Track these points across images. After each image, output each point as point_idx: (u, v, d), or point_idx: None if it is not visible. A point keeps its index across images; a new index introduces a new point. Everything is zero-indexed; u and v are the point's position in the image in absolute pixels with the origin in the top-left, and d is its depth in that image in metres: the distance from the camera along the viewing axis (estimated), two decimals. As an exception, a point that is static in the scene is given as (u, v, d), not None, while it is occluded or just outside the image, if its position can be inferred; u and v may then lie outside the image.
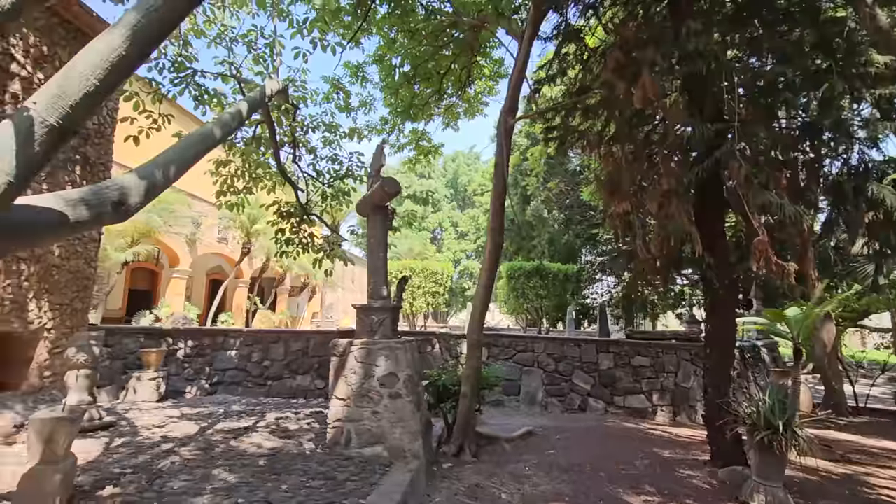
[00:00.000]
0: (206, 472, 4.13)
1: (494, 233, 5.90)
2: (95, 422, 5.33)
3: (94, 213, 2.81)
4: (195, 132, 3.72)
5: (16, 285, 5.68)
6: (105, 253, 10.24)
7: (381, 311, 5.41)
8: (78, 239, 6.53)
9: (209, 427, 5.74)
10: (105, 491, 3.58)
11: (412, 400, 5.08)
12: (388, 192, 5.44)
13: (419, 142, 9.30)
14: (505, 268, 13.11)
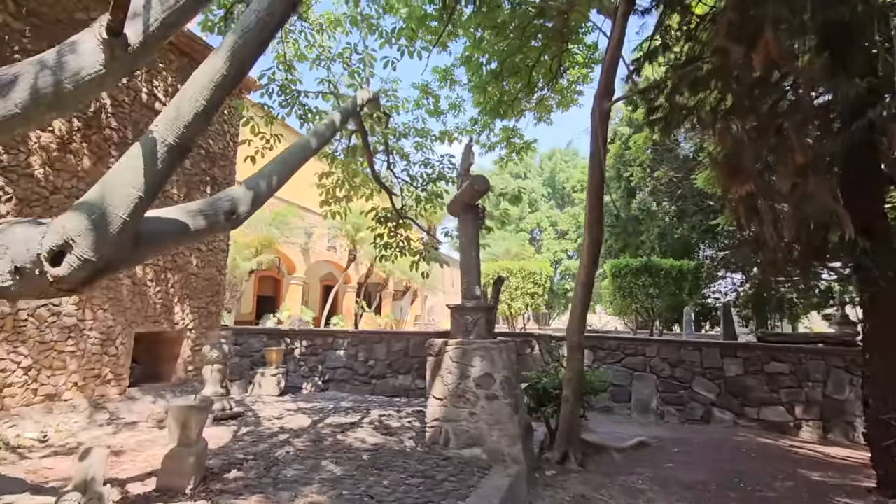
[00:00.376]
0: (315, 463, 4.37)
1: (592, 227, 5.51)
2: (227, 411, 5.96)
3: (210, 222, 3.11)
4: (294, 144, 3.98)
5: (164, 291, 6.61)
6: (234, 262, 11.57)
7: (474, 311, 5.33)
8: (210, 250, 7.42)
9: (320, 421, 6.12)
10: (230, 474, 3.94)
11: (510, 402, 4.92)
12: (477, 189, 5.35)
13: (510, 139, 9.11)
14: (609, 266, 12.31)
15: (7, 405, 4.74)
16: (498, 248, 22.72)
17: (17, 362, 4.84)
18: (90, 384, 5.55)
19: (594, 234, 5.53)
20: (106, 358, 5.74)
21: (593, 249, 5.56)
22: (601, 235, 5.60)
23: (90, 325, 5.55)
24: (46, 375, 5.10)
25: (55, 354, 5.18)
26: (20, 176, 4.87)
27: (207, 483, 3.72)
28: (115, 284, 5.86)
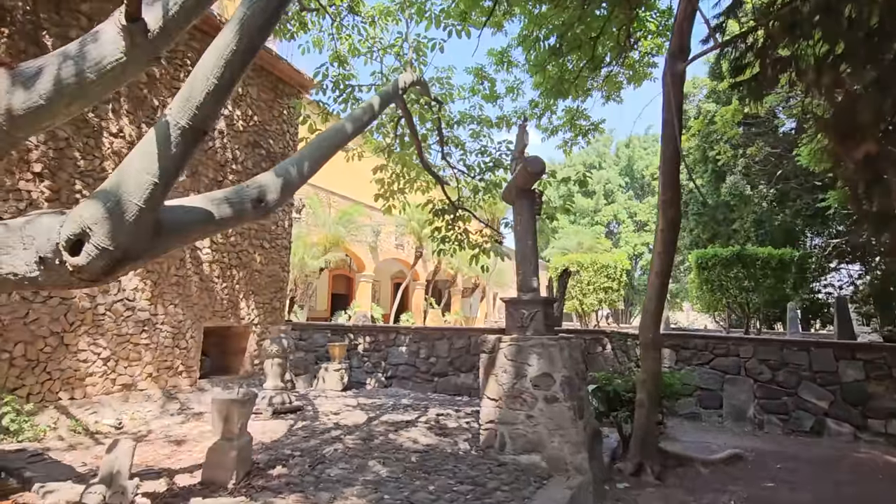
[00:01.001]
0: (362, 463, 4.20)
1: (666, 208, 4.83)
2: (286, 405, 6.02)
3: (236, 210, 2.98)
4: (328, 129, 3.82)
5: (230, 287, 6.86)
6: (302, 261, 11.98)
7: (531, 305, 4.88)
8: (273, 247, 7.63)
9: (376, 418, 5.99)
10: (275, 470, 3.87)
11: (572, 405, 4.42)
12: (531, 172, 4.89)
13: (574, 121, 8.45)
14: (693, 257, 11.09)
15: (89, 393, 5.10)
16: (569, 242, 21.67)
17: (97, 353, 5.19)
18: (163, 375, 5.86)
19: (669, 216, 4.84)
20: (177, 350, 6.04)
21: (669, 234, 4.88)
22: (678, 217, 4.89)
23: (162, 319, 5.87)
24: (123, 366, 5.45)
25: (131, 346, 5.52)
26: (96, 180, 5.22)
27: (251, 478, 3.67)
28: (185, 281, 6.15)
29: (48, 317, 4.78)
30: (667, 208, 4.85)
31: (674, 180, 4.82)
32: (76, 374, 5.00)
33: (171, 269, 5.99)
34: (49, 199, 4.82)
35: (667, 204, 4.84)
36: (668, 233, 4.86)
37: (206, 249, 6.48)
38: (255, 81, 7.36)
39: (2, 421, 4.16)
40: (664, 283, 4.99)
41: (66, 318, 4.92)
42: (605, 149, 43.67)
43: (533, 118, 8.45)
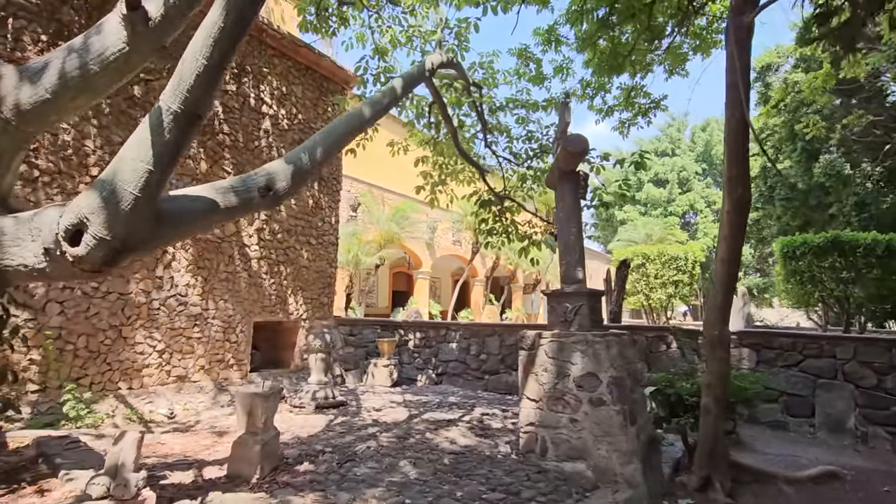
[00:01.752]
0: (392, 462, 4.02)
1: (733, 184, 4.18)
2: (329, 400, 6.02)
3: (243, 199, 2.89)
4: (345, 114, 3.67)
5: (278, 283, 7.01)
6: (357, 258, 12.14)
7: (575, 297, 4.45)
8: (320, 244, 7.72)
9: (418, 415, 5.82)
10: (302, 466, 3.80)
11: (621, 410, 3.95)
12: (571, 152, 4.46)
13: (632, 99, 7.75)
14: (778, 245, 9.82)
15: (145, 384, 5.39)
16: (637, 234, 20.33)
17: (153, 346, 5.47)
18: (215, 368, 6.09)
19: (736, 195, 4.19)
20: (228, 344, 6.25)
21: (736, 216, 4.23)
22: (747, 197, 4.22)
23: (213, 314, 6.09)
24: (177, 358, 5.71)
25: (184, 340, 5.77)
26: (148, 181, 5.49)
27: (277, 473, 3.61)
28: (234, 277, 6.36)
29: (107, 311, 5.09)
30: (733, 186, 4.20)
31: (740, 153, 4.16)
32: (133, 365, 5.29)
33: (221, 266, 6.21)
34: (106, 201, 5.12)
35: (733, 181, 4.19)
36: (734, 215, 4.22)
37: (255, 246, 6.66)
38: (300, 80, 7.46)
39: (63, 408, 4.46)
40: (732, 272, 4.34)
41: (124, 313, 5.22)
42: (679, 134, 40.71)
43: (585, 99, 7.86)
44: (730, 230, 4.28)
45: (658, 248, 12.11)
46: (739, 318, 10.86)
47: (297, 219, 7.30)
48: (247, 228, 6.55)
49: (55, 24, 4.81)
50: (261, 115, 6.82)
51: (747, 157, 4.24)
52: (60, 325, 4.74)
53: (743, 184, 4.18)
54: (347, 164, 8.33)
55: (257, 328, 6.95)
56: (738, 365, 7.15)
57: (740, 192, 4.20)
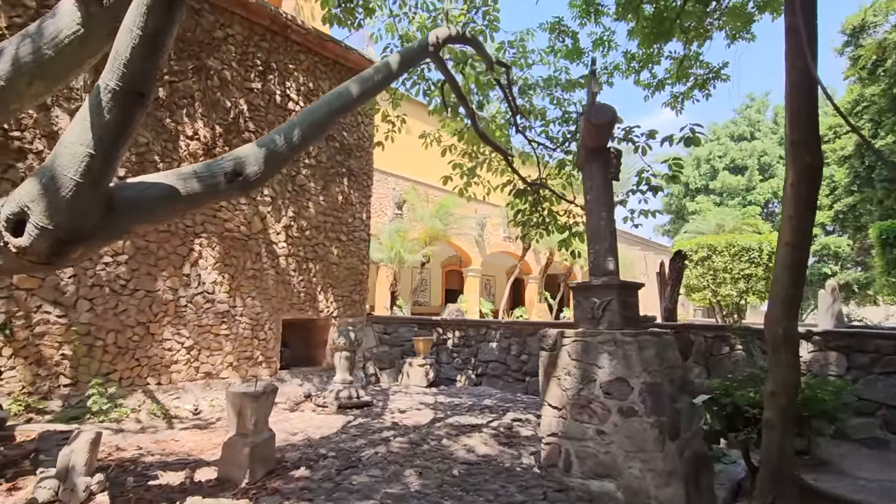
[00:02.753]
0: (398, 470, 3.70)
1: (798, 150, 3.43)
2: (353, 400, 5.83)
3: (206, 185, 2.68)
4: (329, 93, 3.39)
5: (307, 280, 6.95)
6: (399, 256, 12.00)
7: (603, 291, 3.88)
8: (350, 240, 7.58)
9: (443, 419, 5.47)
10: (299, 471, 3.58)
11: (656, 422, 3.36)
12: (595, 123, 3.90)
13: (685, 69, 6.89)
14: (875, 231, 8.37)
15: (174, 379, 5.48)
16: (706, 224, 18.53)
17: (181, 343, 5.56)
18: (243, 365, 6.11)
19: (802, 163, 3.43)
20: (256, 341, 6.26)
21: (804, 188, 3.46)
22: (817, 165, 3.44)
23: (241, 312, 6.11)
24: (206, 355, 5.77)
25: (212, 337, 5.83)
26: (174, 181, 5.58)
27: (270, 478, 3.42)
28: (261, 274, 6.36)
29: (135, 308, 5.22)
30: (798, 153, 3.44)
31: (805, 112, 3.40)
32: (162, 361, 5.39)
33: (248, 263, 6.22)
34: (132, 201, 5.25)
35: (797, 147, 3.44)
36: (801, 187, 3.45)
37: (282, 243, 6.63)
38: (327, 75, 7.38)
39: (88, 402, 4.59)
40: (799, 257, 3.57)
41: (151, 310, 5.34)
42: (759, 115, 37.05)
43: (630, 73, 7.10)
44: (795, 207, 3.52)
45: (726, 239, 10.79)
46: (828, 316, 9.42)
47: (325, 215, 7.22)
48: (274, 226, 6.54)
49: (81, 32, 4.98)
50: (287, 112, 6.79)
51: (815, 117, 3.46)
52: (90, 322, 4.90)
53: (810, 150, 3.41)
54: (392, 161, 8.16)
55: (289, 325, 6.93)
56: (824, 371, 6.13)
57: (808, 160, 3.43)
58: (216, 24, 6.09)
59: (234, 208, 6.13)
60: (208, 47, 5.99)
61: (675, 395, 3.73)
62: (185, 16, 5.72)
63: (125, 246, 5.17)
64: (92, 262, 4.94)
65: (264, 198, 6.45)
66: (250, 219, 6.28)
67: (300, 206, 6.87)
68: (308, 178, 7.00)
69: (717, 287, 10.63)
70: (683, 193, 36.41)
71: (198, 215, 5.76)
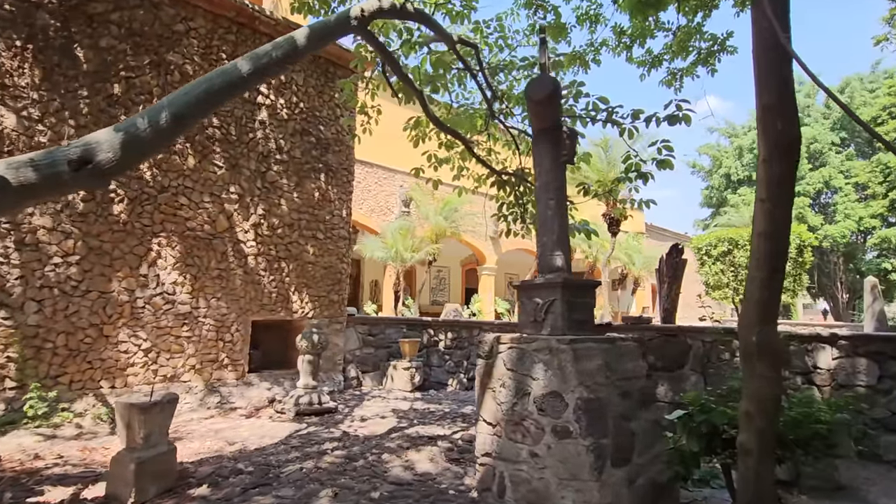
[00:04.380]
0: (311, 491, 3.34)
1: (770, 117, 2.81)
2: (314, 406, 5.54)
3: (45, 174, 2.38)
4: (214, 70, 3.05)
5: (279, 280, 6.72)
6: (399, 254, 11.68)
7: (546, 290, 3.37)
8: (328, 238, 7.30)
9: (403, 429, 5.07)
10: (199, 490, 3.28)
11: (593, 445, 2.83)
12: (533, 99, 3.39)
13: (686, 43, 6.16)
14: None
15: (130, 383, 5.36)
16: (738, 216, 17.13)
17: (138, 345, 5.43)
18: (207, 368, 5.93)
19: (774, 131, 2.80)
20: (221, 343, 6.07)
21: (778, 164, 2.83)
22: (793, 136, 2.79)
23: (204, 313, 5.94)
24: (165, 358, 5.62)
25: (172, 339, 5.68)
26: (130, 178, 5.47)
27: (164, 497, 3.13)
28: (227, 274, 6.17)
29: (88, 309, 5.12)
30: (770, 120, 2.82)
31: (777, 73, 2.78)
32: (117, 364, 5.28)
33: (212, 263, 6.04)
34: (84, 200, 5.15)
35: (768, 112, 2.81)
36: (774, 162, 2.82)
37: (251, 242, 6.42)
38: (302, 68, 7.12)
39: (23, 407, 4.49)
40: (774, 250, 2.93)
41: (105, 311, 5.22)
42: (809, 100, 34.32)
43: (622, 51, 6.43)
44: (767, 187, 2.89)
45: (749, 232, 9.70)
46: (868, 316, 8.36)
47: (300, 212, 6.96)
48: (241, 224, 6.34)
49: (28, 29, 4.91)
50: (255, 106, 6.58)
51: (790, 80, 2.82)
52: (38, 324, 4.82)
53: (783, 115, 2.78)
54: (398, 158, 7.84)
55: (263, 327, 6.73)
56: (851, 381, 5.34)
57: (781, 129, 2.79)
58: (176, 18, 5.94)
59: (197, 206, 5.96)
60: (168, 41, 5.84)
61: (630, 412, 3.18)
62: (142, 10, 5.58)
63: (76, 246, 5.07)
64: (40, 263, 4.86)
65: (230, 195, 6.25)
66: (215, 217, 6.10)
67: (271, 203, 6.64)
68: (280, 175, 6.77)
69: (740, 284, 9.63)
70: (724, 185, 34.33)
71: (156, 213, 5.62)
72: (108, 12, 5.45)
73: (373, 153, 11.61)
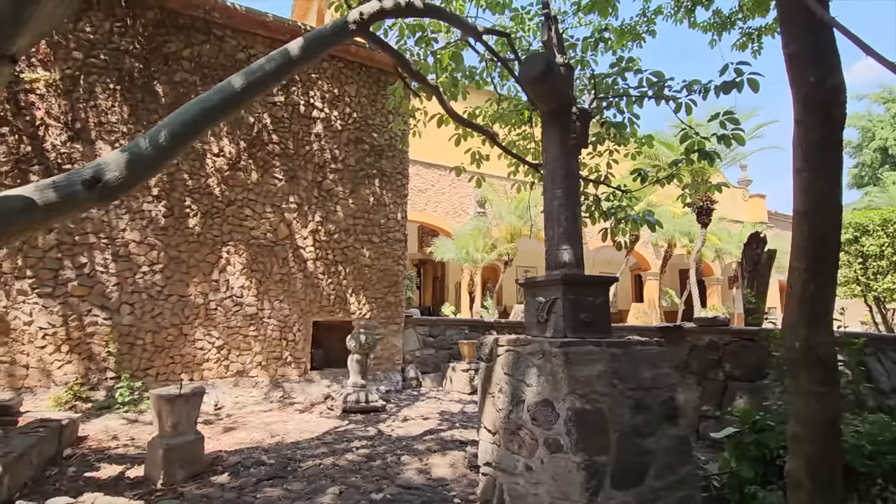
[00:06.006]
0: (320, 487, 3.43)
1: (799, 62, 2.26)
2: (361, 404, 5.70)
3: (63, 195, 2.78)
4: (212, 89, 3.28)
5: (336, 283, 7.06)
6: (469, 256, 11.58)
7: (548, 289, 3.07)
8: (384, 241, 7.50)
9: (436, 432, 4.99)
10: (221, 477, 3.54)
11: (585, 462, 2.51)
12: (527, 79, 3.12)
13: None
14: None
15: (205, 377, 6.00)
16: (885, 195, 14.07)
17: (212, 343, 6.07)
18: (272, 364, 6.42)
19: (808, 82, 2.24)
20: (285, 342, 6.54)
21: (815, 123, 2.27)
22: (838, 78, 2.21)
23: (268, 314, 6.45)
24: (235, 355, 6.21)
25: (241, 338, 6.25)
26: (202, 195, 6.15)
27: (194, 480, 3.44)
28: (289, 278, 6.63)
29: (170, 311, 5.85)
30: (799, 68, 2.26)
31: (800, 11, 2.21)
32: (194, 359, 5.95)
33: (275, 268, 6.55)
34: (165, 216, 5.91)
35: (795, 62, 2.25)
36: (811, 121, 2.26)
37: (310, 248, 6.84)
38: (354, 79, 7.43)
39: (115, 394, 5.26)
40: (819, 233, 2.34)
41: (183, 313, 5.93)
42: None
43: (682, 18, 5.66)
44: (805, 154, 2.31)
45: (881, 215, 7.80)
46: None
47: (355, 218, 7.25)
48: (300, 231, 6.78)
49: (117, 73, 5.78)
50: (311, 120, 7.00)
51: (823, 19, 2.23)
52: (131, 324, 5.63)
53: (818, 61, 2.21)
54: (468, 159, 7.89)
55: (327, 328, 7.12)
56: None
57: (817, 76, 2.22)
58: (238, 48, 6.56)
59: (260, 216, 6.51)
60: (231, 70, 6.46)
61: (646, 427, 2.76)
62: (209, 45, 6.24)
63: (159, 256, 5.83)
64: (132, 272, 5.67)
65: (290, 205, 6.73)
66: (276, 226, 6.61)
67: (328, 210, 7.02)
68: (335, 183, 7.12)
69: (871, 279, 7.82)
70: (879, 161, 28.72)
71: (224, 225, 6.24)
72: (181, 49, 6.19)
73: (445, 155, 11.72)
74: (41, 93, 5.42)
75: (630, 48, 5.86)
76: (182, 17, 6.19)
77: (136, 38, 5.93)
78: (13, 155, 5.23)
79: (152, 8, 6.01)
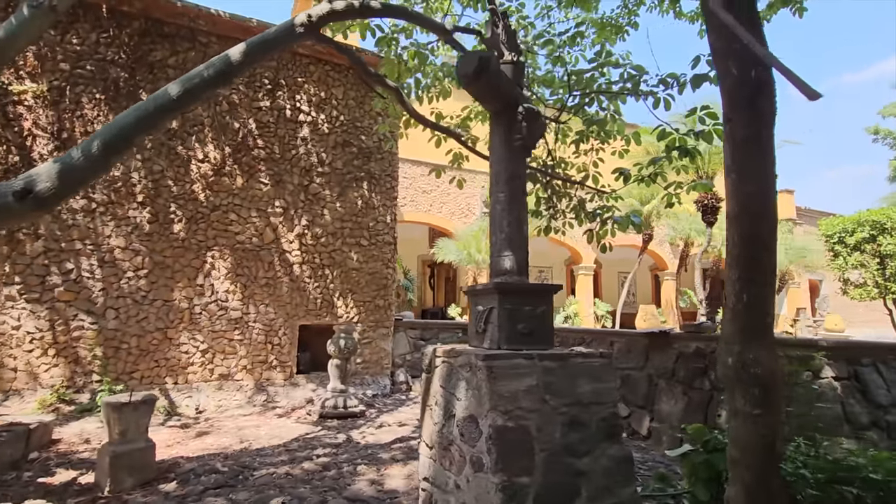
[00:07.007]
0: (265, 497, 3.38)
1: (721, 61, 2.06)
2: (339, 410, 5.66)
3: (-8, 204, 2.85)
4: (147, 98, 3.27)
5: (324, 287, 7.05)
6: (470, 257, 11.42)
7: (486, 297, 2.93)
8: (373, 244, 7.45)
9: (407, 440, 4.90)
10: (169, 485, 3.54)
11: (504, 483, 2.37)
12: (459, 76, 2.99)
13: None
14: None
15: (190, 380, 6.08)
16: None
17: (196, 346, 6.15)
18: (257, 368, 6.46)
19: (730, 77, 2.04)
20: (270, 346, 6.57)
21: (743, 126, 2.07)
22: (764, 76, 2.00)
23: (253, 318, 6.50)
24: (220, 358, 6.27)
25: (226, 342, 6.31)
26: (187, 201, 6.24)
27: (139, 489, 3.45)
28: (275, 282, 6.66)
29: (154, 315, 5.95)
30: (722, 66, 2.06)
31: None
32: (179, 363, 6.04)
33: (260, 272, 6.59)
34: (150, 222, 6.02)
35: (720, 57, 2.06)
36: (739, 123, 2.07)
37: (296, 252, 6.85)
38: (341, 81, 7.41)
39: (96, 398, 5.37)
40: (751, 237, 2.14)
41: (168, 317, 6.02)
42: None
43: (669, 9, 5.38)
44: (733, 154, 2.11)
45: None
46: None
47: (343, 221, 7.23)
48: (286, 235, 6.80)
49: (102, 83, 5.92)
50: (298, 124, 7.01)
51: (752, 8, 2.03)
52: (116, 328, 5.76)
53: (737, 58, 2.00)
54: (480, 160, 7.84)
55: (315, 331, 7.12)
56: None
57: (735, 73, 2.01)
58: (225, 54, 6.60)
59: (246, 221, 6.56)
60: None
61: (581, 446, 2.60)
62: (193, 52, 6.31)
63: (144, 262, 5.94)
64: (117, 277, 5.80)
65: (276, 209, 6.76)
66: (262, 230, 6.65)
67: (314, 214, 7.02)
68: (322, 186, 7.11)
69: (889, 280, 7.24)
70: (922, 152, 26.97)
71: (209, 230, 6.31)
72: (166, 58, 6.30)
73: (449, 156, 11.61)
74: (29, 104, 5.59)
75: (614, 41, 5.62)
76: (167, 25, 6.29)
77: (122, 47, 6.05)
78: (1, 165, 5.42)
79: (137, 18, 6.13)
